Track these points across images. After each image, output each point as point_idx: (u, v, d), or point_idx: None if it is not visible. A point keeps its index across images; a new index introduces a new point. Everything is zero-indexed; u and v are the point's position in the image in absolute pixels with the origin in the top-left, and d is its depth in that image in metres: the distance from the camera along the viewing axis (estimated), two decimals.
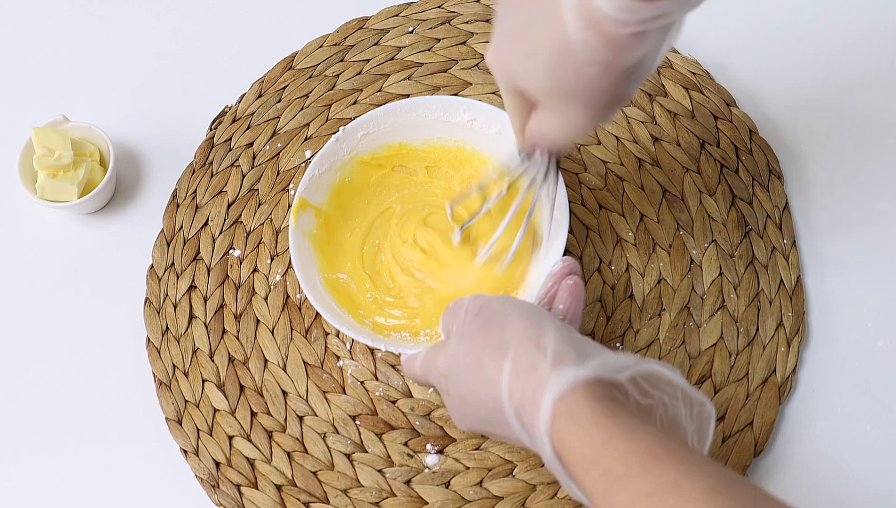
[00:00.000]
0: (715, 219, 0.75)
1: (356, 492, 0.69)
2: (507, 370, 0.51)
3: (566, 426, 0.48)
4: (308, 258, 0.68)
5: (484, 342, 0.54)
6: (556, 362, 0.50)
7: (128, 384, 0.73)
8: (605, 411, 0.48)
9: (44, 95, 0.83)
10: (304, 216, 0.69)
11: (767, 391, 0.70)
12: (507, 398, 0.51)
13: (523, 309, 0.55)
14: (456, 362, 0.56)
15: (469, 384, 0.54)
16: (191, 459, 0.70)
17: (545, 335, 0.52)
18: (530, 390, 0.50)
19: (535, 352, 0.51)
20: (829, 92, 0.81)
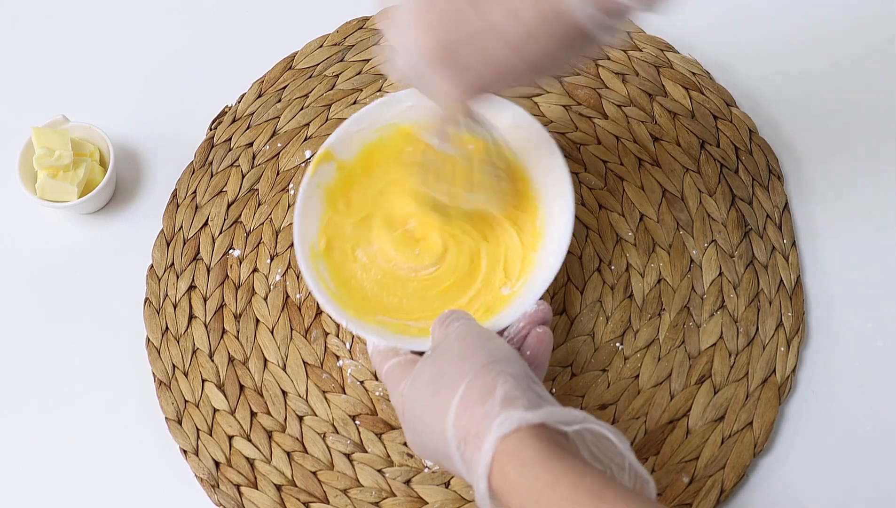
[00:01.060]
0: (715, 219, 0.75)
1: (356, 492, 0.69)
2: (456, 402, 0.51)
3: (510, 465, 0.48)
4: (313, 211, 0.67)
5: (446, 368, 0.54)
6: (506, 403, 0.50)
7: (128, 384, 0.73)
8: (550, 453, 0.47)
9: (44, 95, 0.83)
10: (325, 168, 0.68)
11: (767, 391, 0.70)
12: (451, 429, 0.51)
13: (494, 347, 0.55)
14: (419, 384, 0.55)
15: (423, 410, 0.54)
16: (190, 459, 0.70)
17: (502, 375, 0.52)
18: (474, 425, 0.50)
19: (486, 389, 0.51)
20: (830, 92, 0.81)
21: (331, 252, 0.68)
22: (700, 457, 0.69)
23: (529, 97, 0.79)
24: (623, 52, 0.80)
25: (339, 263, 0.68)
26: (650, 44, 0.81)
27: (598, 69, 0.80)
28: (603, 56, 0.80)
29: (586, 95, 0.79)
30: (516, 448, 0.48)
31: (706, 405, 0.70)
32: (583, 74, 0.80)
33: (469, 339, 0.56)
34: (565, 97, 0.79)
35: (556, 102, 0.79)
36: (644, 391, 0.70)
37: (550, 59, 0.52)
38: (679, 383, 0.70)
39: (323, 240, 0.68)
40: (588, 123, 0.78)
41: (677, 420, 0.70)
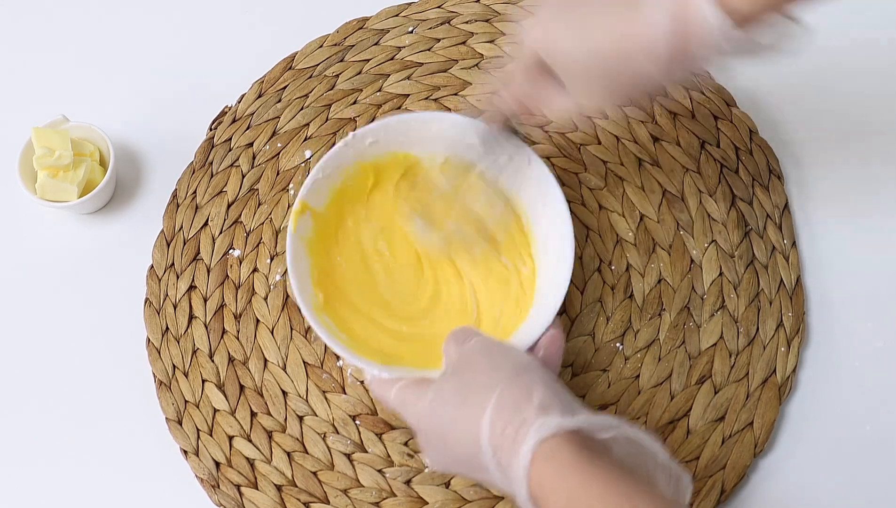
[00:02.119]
0: (715, 219, 0.75)
1: (356, 492, 0.69)
2: (491, 409, 0.52)
3: (546, 468, 0.49)
4: (303, 264, 0.67)
5: (472, 380, 0.54)
6: (541, 409, 0.51)
7: (128, 384, 0.73)
8: (585, 457, 0.48)
9: (44, 95, 0.83)
10: (303, 220, 0.68)
11: (767, 392, 0.70)
12: (486, 436, 0.51)
13: (518, 357, 0.56)
14: (443, 396, 0.55)
15: (451, 422, 0.54)
16: (191, 459, 0.70)
17: (534, 383, 0.53)
18: (512, 430, 0.50)
19: (521, 396, 0.52)
20: (830, 92, 0.81)
21: (331, 305, 0.68)
22: (700, 457, 0.69)
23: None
24: None
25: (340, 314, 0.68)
26: None
27: None
28: None
29: None
30: (552, 452, 0.49)
31: (706, 405, 0.70)
32: None
33: (492, 351, 0.57)
34: None
35: None
36: (644, 392, 0.70)
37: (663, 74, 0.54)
38: (679, 383, 0.70)
39: (320, 294, 0.67)
40: (588, 122, 0.78)
41: (678, 421, 0.70)
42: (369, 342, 0.67)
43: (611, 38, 0.54)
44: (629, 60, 0.54)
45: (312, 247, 0.69)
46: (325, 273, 0.69)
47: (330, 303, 0.68)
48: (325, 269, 0.69)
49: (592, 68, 0.55)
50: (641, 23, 0.52)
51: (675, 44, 0.52)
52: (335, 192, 0.70)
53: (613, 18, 0.54)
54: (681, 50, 0.52)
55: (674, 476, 0.51)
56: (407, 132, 0.70)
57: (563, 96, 0.59)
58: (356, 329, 0.67)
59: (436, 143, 0.70)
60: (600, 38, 0.54)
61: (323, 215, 0.70)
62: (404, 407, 0.59)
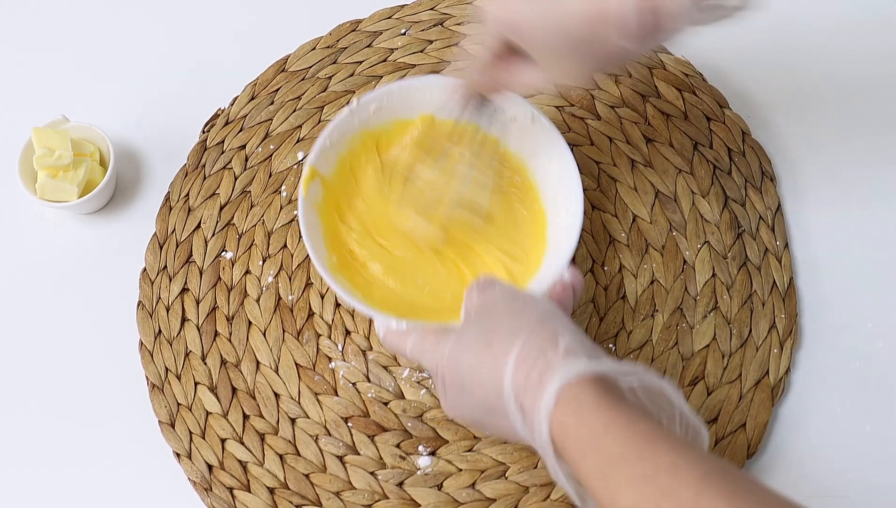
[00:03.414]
0: (708, 220, 0.75)
1: (348, 494, 0.68)
2: (515, 353, 0.52)
3: (568, 410, 0.49)
4: (315, 230, 0.67)
5: (497, 325, 0.54)
6: (567, 354, 0.51)
7: (121, 386, 0.73)
8: (607, 401, 0.49)
9: (44, 95, 0.83)
10: (313, 186, 0.68)
11: (760, 393, 0.70)
12: (509, 379, 0.51)
13: (543, 305, 0.56)
14: (466, 341, 0.55)
15: (473, 366, 0.54)
16: (183, 462, 0.70)
17: (560, 329, 0.53)
18: (536, 374, 0.51)
19: (546, 342, 0.52)
20: (823, 94, 0.81)
21: (345, 266, 0.68)
22: None
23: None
24: None
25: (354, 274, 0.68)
26: None
27: None
28: None
29: (579, 95, 0.79)
30: (575, 395, 0.49)
31: (699, 406, 0.70)
32: None
33: (516, 298, 0.57)
34: (558, 98, 0.79)
35: (549, 103, 0.79)
36: None
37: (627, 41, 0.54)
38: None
39: (334, 256, 0.67)
40: (581, 123, 0.78)
41: None
42: (385, 300, 0.67)
43: (581, 18, 0.54)
44: (601, 37, 0.54)
45: (323, 212, 0.69)
46: (337, 238, 0.69)
47: (344, 264, 0.68)
48: (336, 234, 0.69)
49: (563, 46, 0.55)
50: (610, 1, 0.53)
51: (646, 18, 0.52)
52: (342, 159, 0.70)
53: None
54: (652, 23, 0.53)
55: (692, 428, 0.52)
56: (409, 97, 0.70)
57: (533, 72, 0.59)
58: (371, 289, 0.67)
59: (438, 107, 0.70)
60: (569, 18, 0.54)
61: (331, 182, 0.69)
62: (423, 354, 0.59)
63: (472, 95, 0.65)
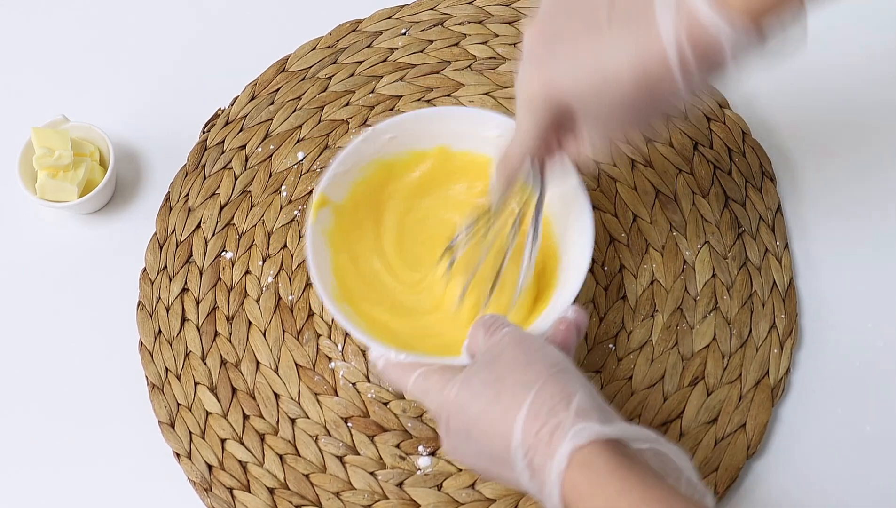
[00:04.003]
0: (708, 220, 0.75)
1: (348, 495, 0.68)
2: (525, 408, 0.51)
3: (581, 474, 0.48)
4: (323, 256, 0.67)
5: (505, 374, 0.53)
6: (579, 414, 0.50)
7: (121, 386, 0.73)
8: (621, 463, 0.48)
9: (44, 95, 0.83)
10: (323, 213, 0.68)
11: (760, 393, 0.70)
12: (519, 436, 0.51)
13: (555, 356, 0.55)
14: (473, 388, 0.54)
15: (479, 415, 0.53)
16: (183, 462, 0.70)
17: (572, 387, 0.52)
18: (546, 433, 0.50)
19: (558, 399, 0.51)
20: (823, 94, 0.81)
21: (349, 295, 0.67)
22: (693, 459, 0.68)
23: None
24: None
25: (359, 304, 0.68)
26: None
27: None
28: None
29: None
30: (587, 458, 0.48)
31: (699, 406, 0.70)
32: None
33: (525, 345, 0.55)
34: None
35: None
36: (637, 393, 0.70)
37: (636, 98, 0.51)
38: (672, 384, 0.70)
39: (339, 285, 0.67)
40: None
41: (670, 422, 0.70)
42: (388, 330, 0.66)
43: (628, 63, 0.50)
44: (650, 82, 0.50)
45: (332, 239, 0.68)
46: (344, 266, 0.68)
47: (348, 293, 0.67)
48: (344, 262, 0.69)
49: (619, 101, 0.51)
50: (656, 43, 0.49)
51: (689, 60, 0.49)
52: (355, 186, 0.70)
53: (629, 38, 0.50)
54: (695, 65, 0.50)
55: (697, 493, 0.51)
56: (425, 127, 0.70)
57: (583, 138, 0.57)
58: (375, 319, 0.67)
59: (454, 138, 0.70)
60: (623, 66, 0.50)
61: (342, 209, 0.69)
62: (426, 395, 0.58)
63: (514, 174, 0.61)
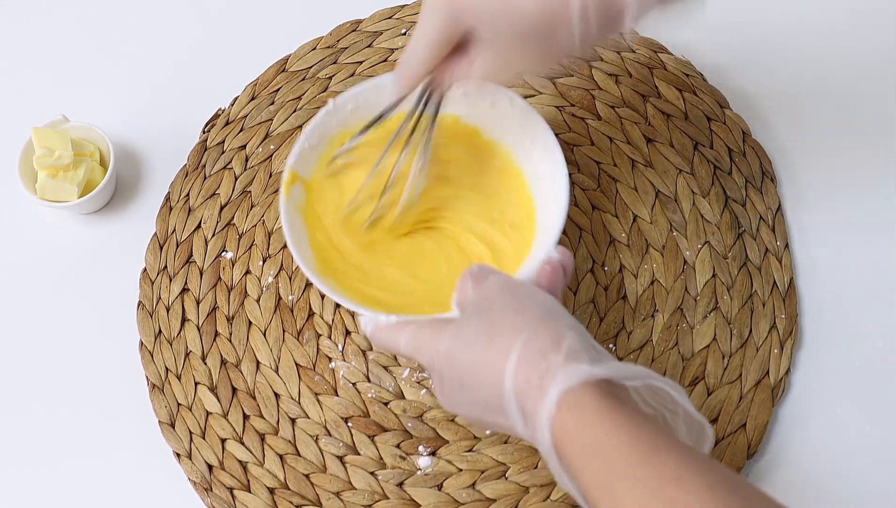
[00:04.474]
0: (708, 220, 0.75)
1: (349, 495, 0.68)
2: (516, 354, 0.51)
3: (570, 416, 0.48)
4: (300, 233, 0.66)
5: (496, 322, 0.53)
6: (570, 356, 0.50)
7: (121, 386, 0.73)
8: (610, 404, 0.48)
9: (44, 95, 0.84)
10: (295, 189, 0.67)
11: (760, 394, 0.70)
12: (510, 382, 0.50)
13: (544, 300, 0.54)
14: (465, 337, 0.54)
15: (471, 364, 0.53)
16: (183, 462, 0.70)
17: (561, 330, 0.51)
18: (537, 377, 0.50)
19: (548, 343, 0.51)
20: (823, 94, 0.81)
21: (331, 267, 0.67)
22: None
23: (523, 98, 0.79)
24: (616, 53, 0.80)
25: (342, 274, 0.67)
26: (643, 45, 0.81)
27: (591, 70, 0.80)
28: (596, 57, 0.80)
29: (579, 95, 0.79)
30: (577, 400, 0.48)
31: (699, 406, 0.70)
32: (576, 75, 0.80)
33: (515, 291, 0.55)
34: (558, 98, 0.79)
35: (549, 103, 0.79)
36: None
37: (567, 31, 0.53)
38: None
39: (320, 258, 0.67)
40: (581, 123, 0.78)
41: None
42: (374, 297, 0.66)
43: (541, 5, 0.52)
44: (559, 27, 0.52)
45: (307, 215, 0.68)
46: (323, 239, 0.68)
47: (330, 266, 0.67)
48: (322, 235, 0.68)
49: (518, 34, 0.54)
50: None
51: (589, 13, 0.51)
52: (323, 161, 0.69)
53: None
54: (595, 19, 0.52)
55: (695, 425, 0.51)
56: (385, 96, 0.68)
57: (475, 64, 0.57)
58: (359, 288, 0.66)
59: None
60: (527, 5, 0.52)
61: (313, 185, 0.68)
62: (419, 351, 0.57)
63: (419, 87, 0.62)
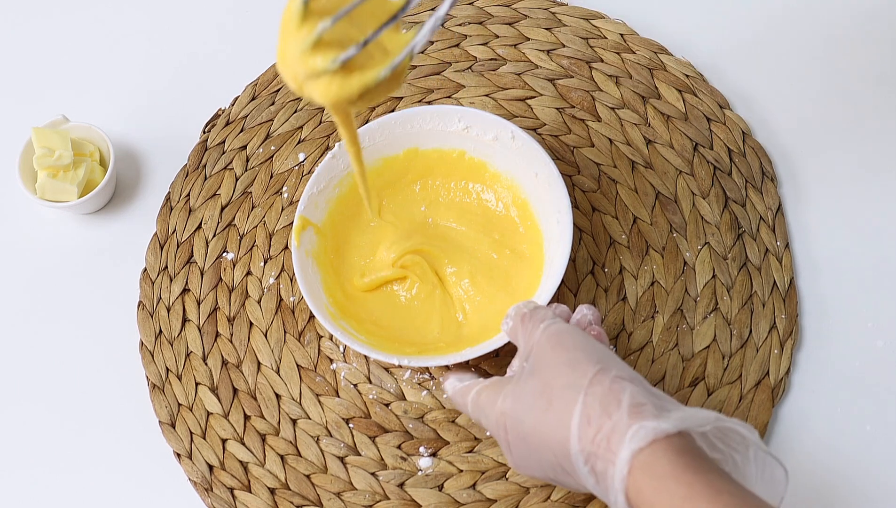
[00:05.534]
0: (708, 221, 0.75)
1: (349, 495, 0.69)
2: (578, 415, 0.50)
3: (644, 479, 0.47)
4: (313, 278, 0.68)
5: (552, 380, 0.52)
6: (634, 413, 0.49)
7: (122, 386, 0.73)
8: (686, 465, 0.47)
9: (44, 95, 0.83)
10: (306, 235, 0.69)
11: (760, 394, 0.70)
12: (576, 444, 0.50)
13: (595, 349, 0.54)
14: (524, 399, 0.53)
15: (534, 426, 0.52)
16: (184, 462, 0.70)
17: (619, 382, 0.51)
18: (604, 438, 0.49)
19: (609, 397, 0.50)
20: (823, 94, 0.81)
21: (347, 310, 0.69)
22: None
23: (523, 99, 0.79)
24: (616, 54, 0.80)
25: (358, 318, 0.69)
26: (643, 46, 0.81)
27: (591, 71, 0.80)
28: (596, 58, 0.80)
29: (580, 97, 0.79)
30: (650, 460, 0.47)
31: (700, 407, 0.70)
32: (576, 76, 0.80)
33: (566, 342, 0.54)
34: (559, 99, 0.79)
35: (550, 105, 0.79)
36: None
37: None
38: (673, 385, 0.70)
39: (334, 305, 0.68)
40: (581, 125, 0.78)
41: None
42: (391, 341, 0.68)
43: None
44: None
45: (319, 260, 0.70)
46: (336, 283, 0.70)
47: (346, 309, 0.69)
48: (335, 279, 0.70)
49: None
50: None
51: None
52: (333, 204, 0.71)
53: None
54: None
55: (768, 467, 0.50)
56: (391, 133, 0.72)
57: None
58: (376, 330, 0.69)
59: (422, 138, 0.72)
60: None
61: (324, 229, 0.71)
62: (482, 412, 0.57)
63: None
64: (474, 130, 0.71)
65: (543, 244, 0.70)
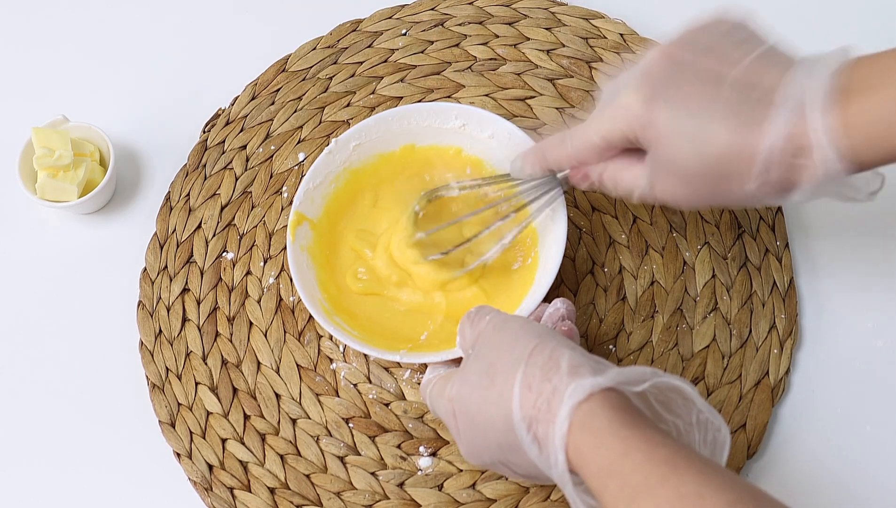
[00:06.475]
0: (708, 221, 0.75)
1: (349, 495, 0.69)
2: (518, 383, 0.50)
3: (583, 437, 0.47)
4: (308, 273, 0.68)
5: (495, 359, 0.53)
6: (572, 373, 0.49)
7: (122, 386, 0.73)
8: (623, 421, 0.47)
9: (44, 95, 0.84)
10: (301, 230, 0.69)
11: (760, 394, 0.70)
12: (518, 412, 0.50)
13: (536, 328, 0.54)
14: (469, 381, 0.54)
15: (480, 406, 0.53)
16: (184, 462, 0.70)
17: (558, 350, 0.51)
18: (544, 401, 0.49)
19: (548, 365, 0.50)
20: None
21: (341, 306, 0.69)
22: None
23: (523, 99, 0.79)
24: (616, 53, 0.80)
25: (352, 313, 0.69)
26: (643, 46, 0.81)
27: (591, 71, 0.80)
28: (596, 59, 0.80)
29: (580, 97, 0.79)
30: (587, 418, 0.47)
31: None
32: (576, 76, 0.80)
33: (509, 325, 0.55)
34: (559, 99, 0.79)
35: (550, 105, 0.79)
36: None
37: None
38: None
39: (328, 301, 0.68)
40: None
41: None
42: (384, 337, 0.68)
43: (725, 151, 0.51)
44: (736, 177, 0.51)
45: (314, 255, 0.70)
46: (331, 279, 0.70)
47: (340, 305, 0.69)
48: (330, 275, 0.70)
49: (692, 171, 0.53)
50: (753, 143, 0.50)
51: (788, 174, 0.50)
52: (329, 199, 0.71)
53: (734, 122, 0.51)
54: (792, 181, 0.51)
55: (712, 429, 0.50)
56: (387, 129, 0.72)
57: (637, 176, 0.57)
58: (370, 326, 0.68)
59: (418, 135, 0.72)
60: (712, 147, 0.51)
61: (319, 225, 0.70)
62: (435, 404, 0.58)
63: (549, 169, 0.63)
64: (471, 127, 0.71)
65: (539, 243, 0.70)
